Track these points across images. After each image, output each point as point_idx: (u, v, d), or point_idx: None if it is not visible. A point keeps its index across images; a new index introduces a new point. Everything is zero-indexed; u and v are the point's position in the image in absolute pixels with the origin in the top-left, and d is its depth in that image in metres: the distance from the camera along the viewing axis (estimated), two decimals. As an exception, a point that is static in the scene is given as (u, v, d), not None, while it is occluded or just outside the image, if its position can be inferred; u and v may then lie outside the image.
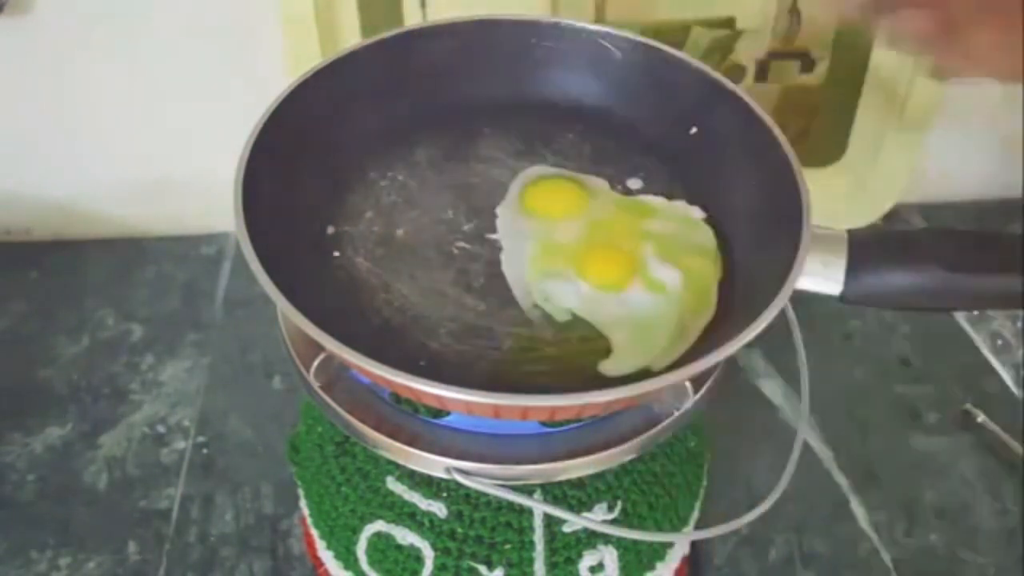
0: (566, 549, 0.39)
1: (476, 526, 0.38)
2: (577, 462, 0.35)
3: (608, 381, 0.33)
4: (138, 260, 0.73)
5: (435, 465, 0.35)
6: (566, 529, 0.39)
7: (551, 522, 0.39)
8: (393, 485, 0.39)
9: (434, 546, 0.39)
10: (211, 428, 0.61)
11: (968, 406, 0.62)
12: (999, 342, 0.68)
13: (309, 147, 0.40)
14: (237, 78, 0.64)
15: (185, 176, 0.71)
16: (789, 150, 0.38)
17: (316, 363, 0.35)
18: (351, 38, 0.63)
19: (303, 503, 0.45)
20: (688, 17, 0.66)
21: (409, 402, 0.37)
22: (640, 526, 0.40)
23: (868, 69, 0.69)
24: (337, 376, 0.37)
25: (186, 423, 0.61)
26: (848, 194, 0.73)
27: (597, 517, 0.39)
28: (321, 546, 0.43)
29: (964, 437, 0.62)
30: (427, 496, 0.39)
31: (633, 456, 0.36)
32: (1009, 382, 0.65)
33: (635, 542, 0.40)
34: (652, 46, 0.43)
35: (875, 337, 0.69)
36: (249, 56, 0.64)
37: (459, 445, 0.35)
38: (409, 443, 0.35)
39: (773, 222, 0.37)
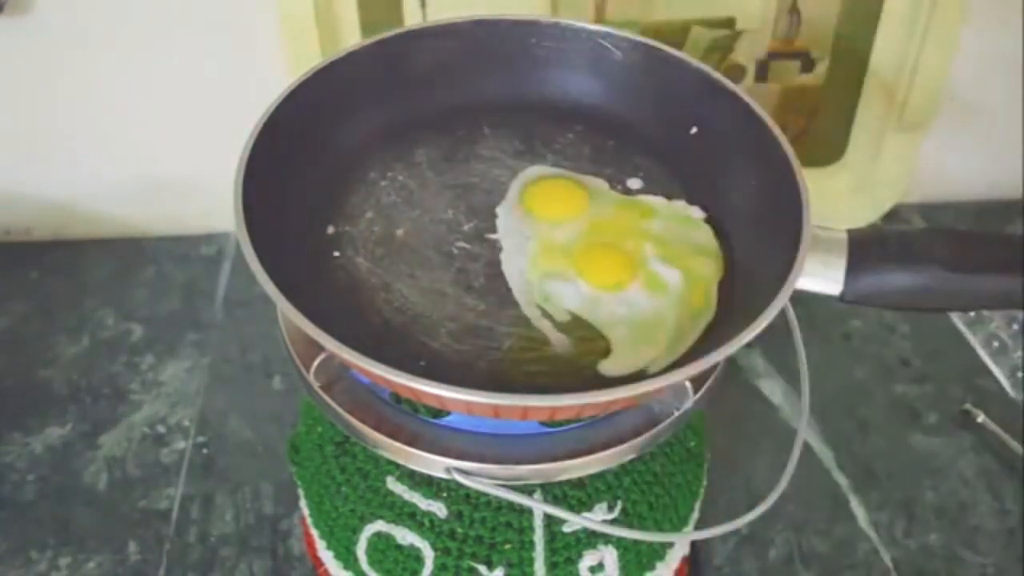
0: (566, 549, 0.39)
1: (476, 526, 0.38)
2: (577, 462, 0.35)
3: (608, 381, 0.33)
4: (138, 260, 0.73)
5: (435, 465, 0.35)
6: (566, 529, 0.39)
7: (551, 522, 0.39)
8: (393, 485, 0.39)
9: (434, 546, 0.39)
10: (211, 428, 0.61)
11: (968, 406, 0.62)
12: (996, 344, 0.68)
13: (309, 147, 0.40)
14: (237, 78, 0.64)
15: (185, 176, 0.71)
16: (789, 150, 0.38)
17: (316, 363, 0.35)
18: (351, 38, 0.63)
19: (303, 503, 0.45)
20: (688, 17, 0.66)
21: (409, 402, 0.37)
22: (640, 526, 0.40)
23: (868, 69, 0.69)
24: (337, 376, 0.37)
25: (186, 423, 0.61)
26: (848, 194, 0.73)
27: (597, 517, 0.39)
28: (321, 546, 0.43)
29: (964, 437, 0.62)
30: (427, 496, 0.39)
31: (633, 456, 0.36)
32: (1006, 385, 0.65)
33: (635, 542, 0.40)
34: (652, 46, 0.43)
35: (875, 337, 0.69)
36: (249, 56, 0.64)
37: (459, 445, 0.35)
38: (409, 443, 0.35)
39: (773, 222, 0.37)
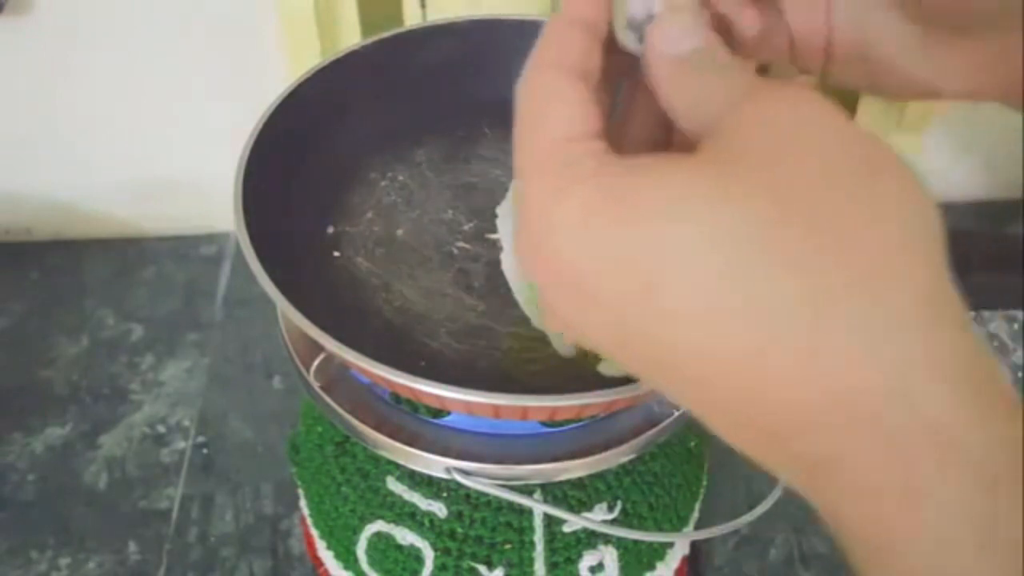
0: (566, 549, 0.39)
1: (476, 526, 0.38)
2: (577, 462, 0.35)
3: (608, 381, 0.33)
4: (138, 260, 0.73)
5: (435, 465, 0.35)
6: (566, 529, 0.39)
7: (551, 522, 0.39)
8: (393, 485, 0.39)
9: (434, 546, 0.39)
10: (211, 428, 0.61)
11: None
12: (995, 344, 0.68)
13: (309, 147, 0.40)
14: (237, 78, 0.64)
15: (185, 176, 0.71)
16: (789, 150, 0.38)
17: (316, 363, 0.35)
18: (351, 38, 0.63)
19: (303, 503, 0.45)
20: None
21: (409, 402, 0.37)
22: (640, 526, 0.40)
23: (868, 69, 0.69)
24: (337, 376, 0.37)
25: (186, 423, 0.61)
26: (848, 194, 0.73)
27: (597, 517, 0.39)
28: (321, 546, 0.43)
29: (964, 437, 0.62)
30: (427, 496, 0.39)
31: (633, 456, 0.36)
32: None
33: (635, 542, 0.40)
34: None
35: (875, 337, 0.69)
36: (249, 56, 0.64)
37: (459, 445, 0.35)
38: (409, 443, 0.35)
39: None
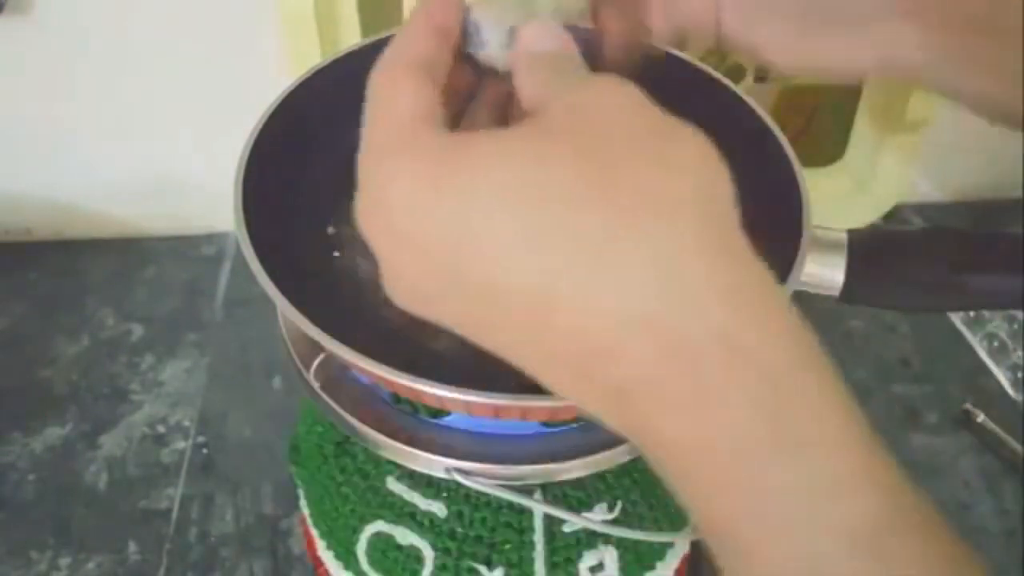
0: (566, 549, 0.39)
1: (476, 526, 0.38)
2: (577, 462, 0.35)
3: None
4: (138, 260, 0.73)
5: (435, 465, 0.35)
6: (566, 529, 0.39)
7: (551, 522, 0.39)
8: (393, 485, 0.39)
9: (434, 546, 0.39)
10: (211, 428, 0.61)
11: (968, 406, 0.62)
12: (996, 344, 0.68)
13: (309, 147, 0.40)
14: (237, 78, 0.64)
15: (185, 176, 0.71)
16: (789, 150, 0.38)
17: (316, 363, 0.35)
18: (351, 38, 0.63)
19: (303, 503, 0.45)
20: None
21: (409, 402, 0.37)
22: (640, 526, 0.40)
23: (868, 69, 0.69)
24: (337, 376, 0.37)
25: (186, 423, 0.61)
26: (848, 194, 0.73)
27: (597, 517, 0.39)
28: (321, 546, 0.43)
29: (964, 437, 0.62)
30: (427, 496, 0.39)
31: (633, 456, 0.36)
32: (1006, 384, 0.65)
33: (635, 542, 0.40)
34: (652, 46, 0.43)
35: (875, 337, 0.69)
36: (249, 56, 0.64)
37: (459, 445, 0.35)
38: (409, 443, 0.35)
39: (773, 223, 0.36)
